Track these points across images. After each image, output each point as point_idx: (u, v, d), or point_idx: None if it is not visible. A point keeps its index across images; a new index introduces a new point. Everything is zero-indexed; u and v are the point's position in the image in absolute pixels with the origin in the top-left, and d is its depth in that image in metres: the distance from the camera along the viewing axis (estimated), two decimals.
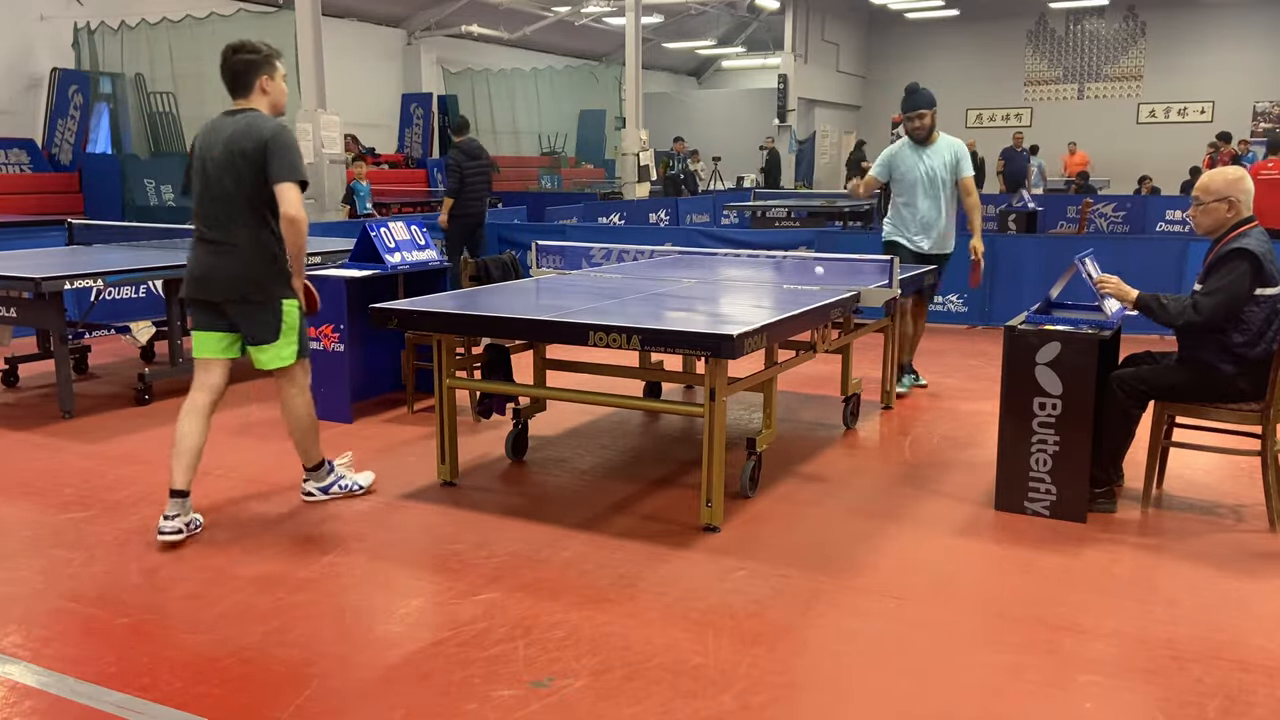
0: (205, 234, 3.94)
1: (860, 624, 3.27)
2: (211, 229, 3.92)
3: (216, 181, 3.87)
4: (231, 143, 3.83)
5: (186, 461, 3.94)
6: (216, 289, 3.94)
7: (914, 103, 6.06)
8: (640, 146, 16.86)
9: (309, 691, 2.84)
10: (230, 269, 3.90)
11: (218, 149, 3.87)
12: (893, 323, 5.91)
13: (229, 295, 3.93)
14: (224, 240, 3.90)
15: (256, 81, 3.93)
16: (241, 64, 3.91)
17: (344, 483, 4.39)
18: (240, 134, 3.83)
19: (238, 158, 3.82)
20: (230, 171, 3.84)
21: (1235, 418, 4.08)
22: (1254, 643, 3.13)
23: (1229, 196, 4.06)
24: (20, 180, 12.77)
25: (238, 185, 3.84)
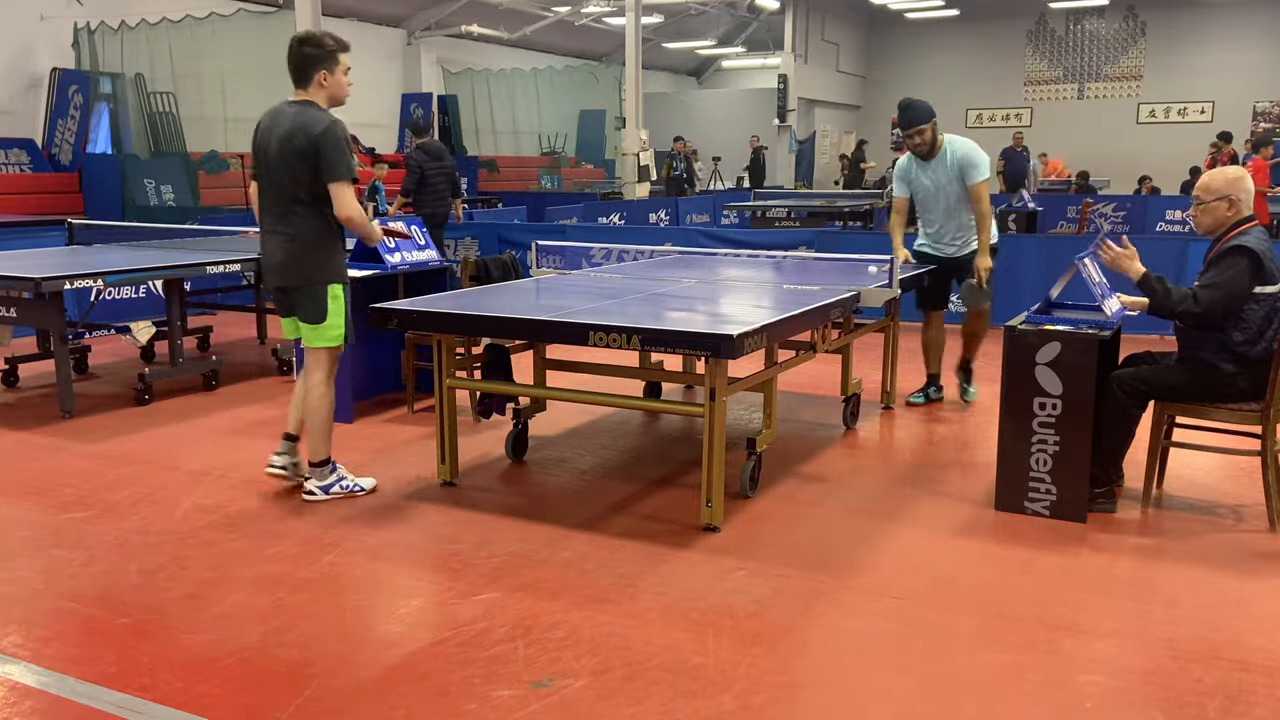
0: (265, 224, 4.21)
1: (860, 624, 3.27)
2: (269, 218, 4.18)
3: (275, 172, 4.08)
4: (286, 138, 4.02)
5: (298, 415, 4.44)
6: (272, 276, 4.26)
7: (910, 118, 5.66)
8: (640, 146, 16.85)
9: (309, 691, 2.84)
10: (279, 256, 4.17)
11: (273, 143, 4.06)
12: (893, 322, 5.92)
13: (280, 282, 4.24)
14: (278, 230, 4.15)
15: (315, 75, 4.08)
16: (303, 56, 4.06)
17: (346, 483, 4.39)
18: (295, 129, 4.01)
19: (290, 152, 4.00)
20: (284, 164, 4.03)
21: (1235, 418, 4.08)
22: (1254, 643, 3.13)
23: (1229, 195, 4.07)
24: (20, 180, 12.76)
25: (291, 178, 4.04)
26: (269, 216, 4.19)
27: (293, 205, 4.10)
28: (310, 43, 4.08)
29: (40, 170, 13.15)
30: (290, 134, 4.02)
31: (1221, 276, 3.95)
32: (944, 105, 27.27)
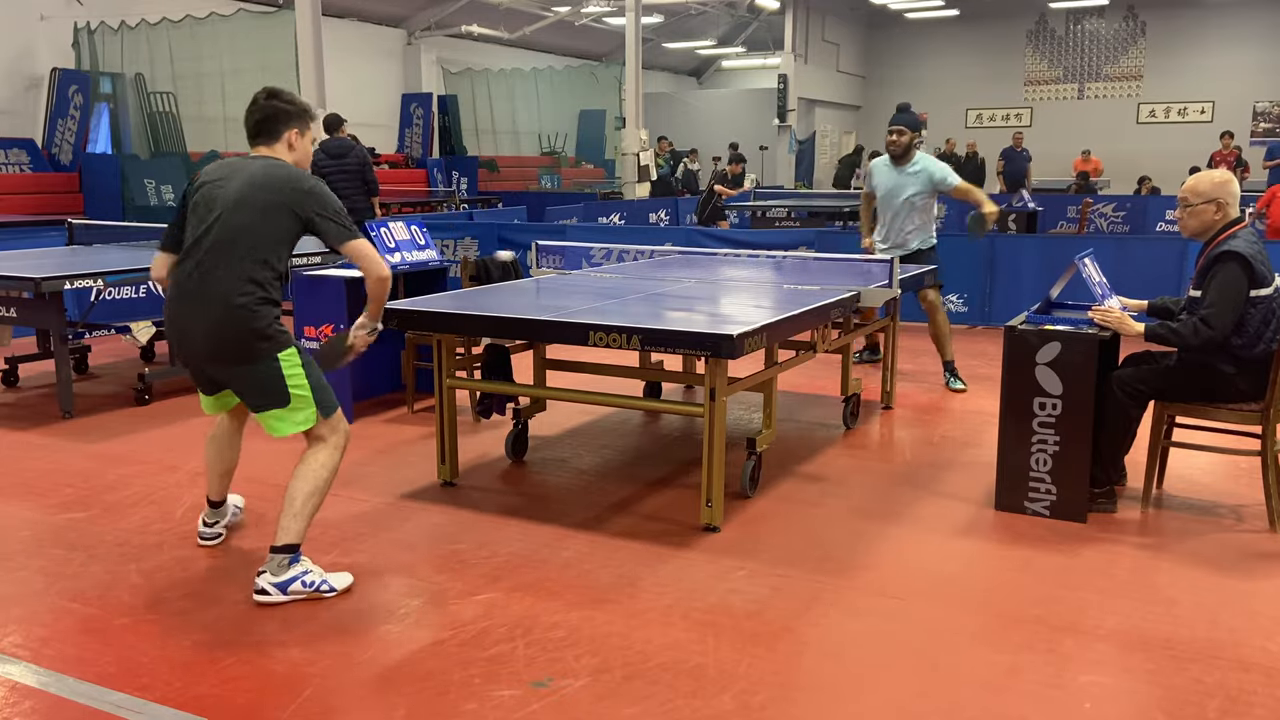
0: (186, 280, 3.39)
1: (860, 624, 3.27)
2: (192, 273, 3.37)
3: (222, 223, 3.33)
4: (255, 184, 3.36)
5: (219, 483, 3.88)
6: (196, 348, 3.42)
7: (900, 119, 6.43)
8: (640, 146, 16.86)
9: (309, 691, 2.84)
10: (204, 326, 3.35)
11: (233, 187, 3.36)
12: (893, 322, 5.93)
13: (210, 355, 3.41)
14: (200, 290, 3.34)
15: (286, 133, 3.52)
16: (272, 110, 3.50)
17: (309, 578, 3.42)
18: (269, 176, 3.38)
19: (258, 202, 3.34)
20: (244, 212, 3.33)
21: (1235, 418, 4.08)
22: (1254, 643, 3.13)
23: (1216, 199, 4.06)
24: (20, 180, 12.76)
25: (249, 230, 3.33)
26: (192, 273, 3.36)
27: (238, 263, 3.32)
28: (283, 98, 3.54)
29: (40, 170, 13.15)
30: (263, 181, 3.36)
31: (1222, 293, 3.92)
32: (944, 105, 27.35)
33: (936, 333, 6.55)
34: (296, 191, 3.37)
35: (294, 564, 3.43)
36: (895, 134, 6.38)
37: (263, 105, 3.52)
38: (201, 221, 3.38)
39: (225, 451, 3.83)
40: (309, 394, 3.41)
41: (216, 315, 3.32)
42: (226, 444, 3.83)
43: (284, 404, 3.39)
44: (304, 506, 3.42)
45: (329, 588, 3.45)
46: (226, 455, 3.84)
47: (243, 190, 3.35)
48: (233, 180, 3.39)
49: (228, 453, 3.84)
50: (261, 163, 3.44)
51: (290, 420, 3.42)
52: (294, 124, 3.53)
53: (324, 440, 3.48)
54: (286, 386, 3.37)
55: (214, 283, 3.32)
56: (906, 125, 6.40)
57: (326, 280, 5.67)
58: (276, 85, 3.69)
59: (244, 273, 3.32)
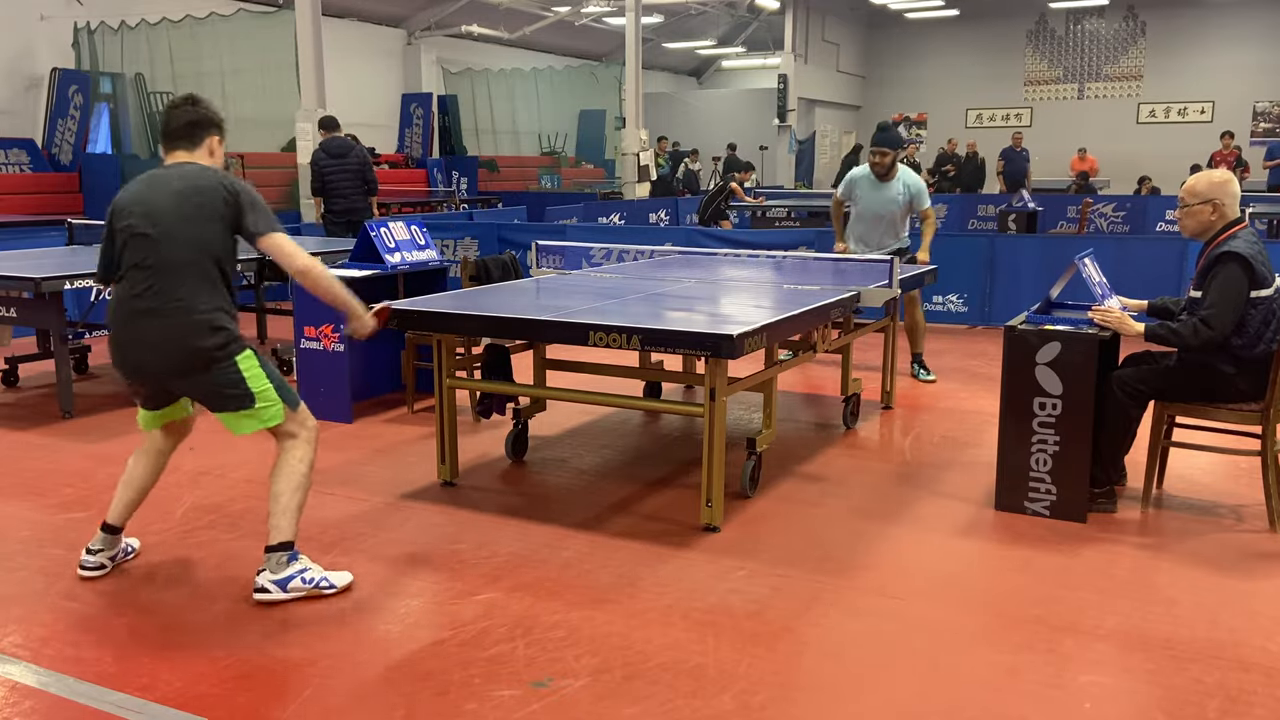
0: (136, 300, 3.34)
1: (860, 624, 3.27)
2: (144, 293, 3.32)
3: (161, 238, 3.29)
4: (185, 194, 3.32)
5: (127, 503, 3.66)
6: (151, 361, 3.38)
7: (882, 140, 6.59)
8: (640, 146, 16.85)
9: (309, 691, 2.84)
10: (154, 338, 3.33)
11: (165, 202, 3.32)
12: (893, 322, 5.93)
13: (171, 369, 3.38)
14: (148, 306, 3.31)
15: (208, 139, 3.47)
16: (197, 115, 3.45)
17: (309, 575, 3.43)
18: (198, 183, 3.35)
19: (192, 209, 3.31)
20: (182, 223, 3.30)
21: (1235, 418, 4.08)
22: (1254, 643, 3.13)
23: (1213, 199, 4.06)
24: (20, 180, 12.76)
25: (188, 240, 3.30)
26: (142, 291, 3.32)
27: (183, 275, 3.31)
28: (203, 104, 3.49)
29: (40, 170, 13.15)
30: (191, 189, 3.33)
31: (1222, 294, 3.92)
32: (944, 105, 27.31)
33: (911, 324, 6.72)
34: (228, 192, 3.35)
35: (293, 561, 3.43)
36: (878, 155, 6.54)
37: (188, 110, 3.47)
38: (142, 242, 3.31)
39: (146, 471, 3.66)
40: (272, 390, 3.43)
41: (177, 329, 3.30)
42: (151, 463, 3.66)
43: (250, 405, 3.40)
44: (289, 503, 3.43)
45: (329, 584, 3.45)
46: (144, 476, 3.66)
47: (176, 202, 3.32)
48: (160, 195, 3.35)
49: (153, 469, 3.68)
50: (180, 171, 3.40)
51: (258, 418, 3.42)
52: (215, 131, 3.50)
53: (295, 436, 3.48)
54: (249, 388, 3.38)
55: (171, 298, 3.29)
56: (889, 145, 6.58)
57: None
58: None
59: (199, 284, 3.32)
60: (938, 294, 8.90)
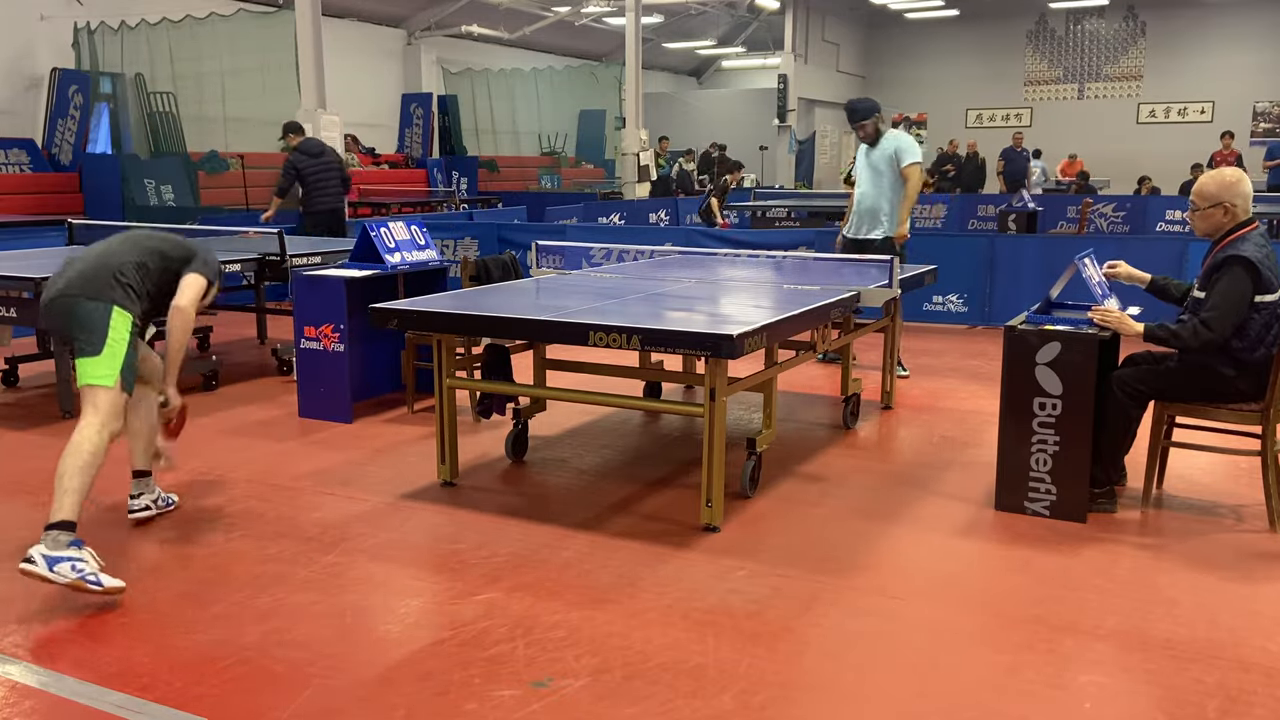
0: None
1: (860, 624, 3.27)
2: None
3: None
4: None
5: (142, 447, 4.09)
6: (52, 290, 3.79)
7: (853, 117, 6.76)
8: (640, 146, 16.86)
9: (309, 691, 2.84)
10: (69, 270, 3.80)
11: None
12: (893, 322, 5.93)
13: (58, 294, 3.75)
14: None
15: None
16: None
17: (80, 566, 3.33)
18: None
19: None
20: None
21: (1235, 418, 4.08)
22: (1254, 643, 3.13)
23: (1224, 201, 4.05)
24: (20, 180, 12.76)
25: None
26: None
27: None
28: None
29: (40, 170, 13.15)
30: None
31: (1225, 297, 3.91)
32: (944, 105, 27.32)
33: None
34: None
35: (74, 546, 3.36)
36: (859, 130, 6.70)
37: None
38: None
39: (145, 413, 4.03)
40: (120, 357, 3.64)
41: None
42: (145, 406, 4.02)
43: (96, 352, 3.62)
44: (71, 482, 3.43)
45: (96, 582, 3.33)
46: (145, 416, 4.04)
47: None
48: None
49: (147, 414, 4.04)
50: None
51: (92, 372, 3.61)
52: None
53: (96, 415, 3.56)
54: (106, 335, 3.64)
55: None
56: (863, 116, 6.66)
57: (326, 280, 5.67)
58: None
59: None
60: (938, 294, 8.90)
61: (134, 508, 4.08)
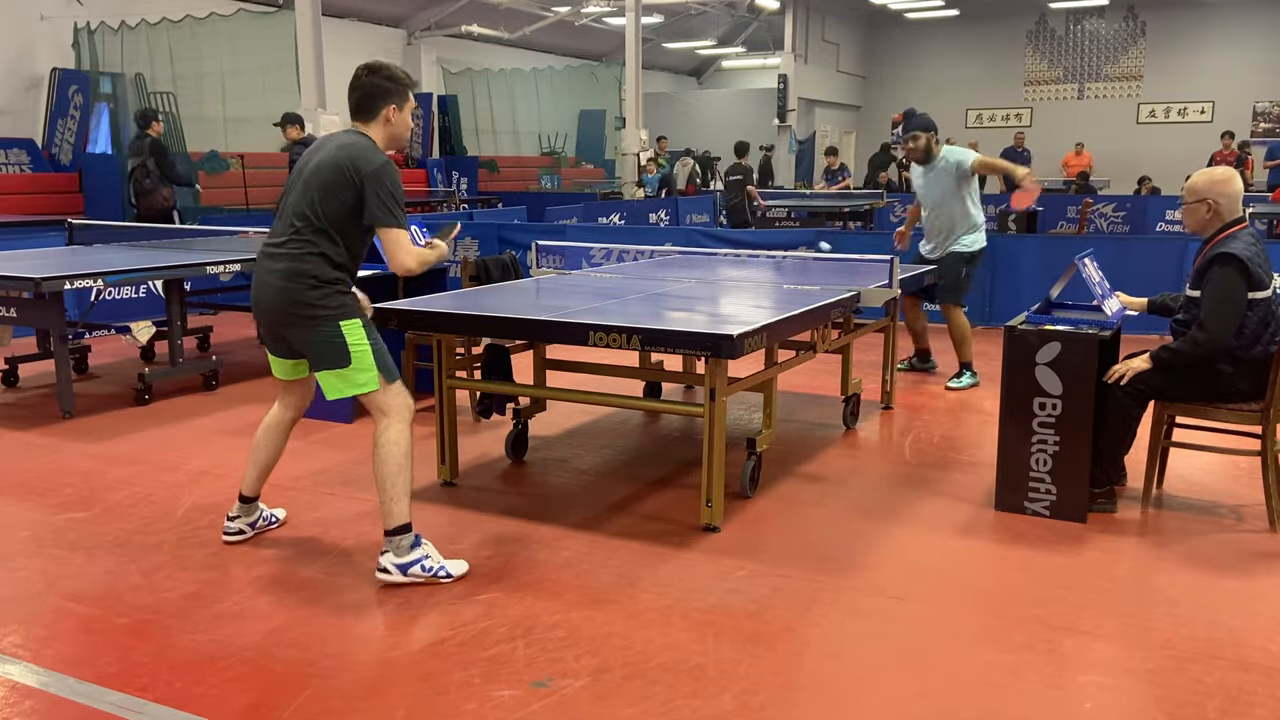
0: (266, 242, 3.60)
1: (860, 624, 3.27)
2: (273, 237, 3.57)
3: (297, 193, 3.51)
4: (328, 158, 3.48)
5: (256, 475, 3.92)
6: (264, 305, 3.57)
7: (908, 125, 6.52)
8: (640, 146, 16.86)
9: (309, 691, 2.84)
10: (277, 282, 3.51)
11: (313, 163, 3.52)
12: (893, 322, 5.93)
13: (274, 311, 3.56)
14: (279, 252, 3.51)
15: (384, 109, 3.57)
16: (372, 86, 3.56)
17: (428, 564, 3.54)
18: (343, 155, 3.46)
19: (329, 177, 3.45)
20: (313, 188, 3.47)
21: (1235, 418, 4.08)
22: (1254, 643, 3.13)
23: (1208, 198, 4.06)
24: (20, 180, 12.75)
25: (310, 201, 3.47)
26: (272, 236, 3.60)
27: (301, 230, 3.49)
28: (383, 73, 3.57)
29: (40, 170, 13.15)
30: (335, 156, 3.47)
31: (1217, 295, 3.92)
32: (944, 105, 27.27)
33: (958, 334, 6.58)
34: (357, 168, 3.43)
35: (415, 548, 3.54)
36: (910, 142, 6.47)
37: (363, 82, 3.57)
38: (286, 193, 3.57)
39: (273, 442, 3.88)
40: (370, 357, 3.53)
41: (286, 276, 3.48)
42: (275, 434, 3.88)
43: (345, 363, 3.51)
44: (394, 485, 3.52)
45: (445, 574, 3.55)
46: (272, 446, 3.89)
47: (320, 162, 3.49)
48: (317, 155, 3.54)
49: (274, 444, 3.89)
50: (341, 139, 3.55)
51: (350, 382, 3.53)
52: (391, 100, 3.58)
53: (387, 415, 3.57)
54: (348, 346, 3.49)
55: (283, 244, 3.49)
56: (919, 129, 6.45)
57: None
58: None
59: (311, 240, 3.46)
60: None
61: (229, 529, 3.93)
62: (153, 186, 9.99)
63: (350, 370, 3.52)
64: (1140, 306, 4.51)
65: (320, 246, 3.48)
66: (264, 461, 3.90)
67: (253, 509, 3.98)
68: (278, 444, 3.90)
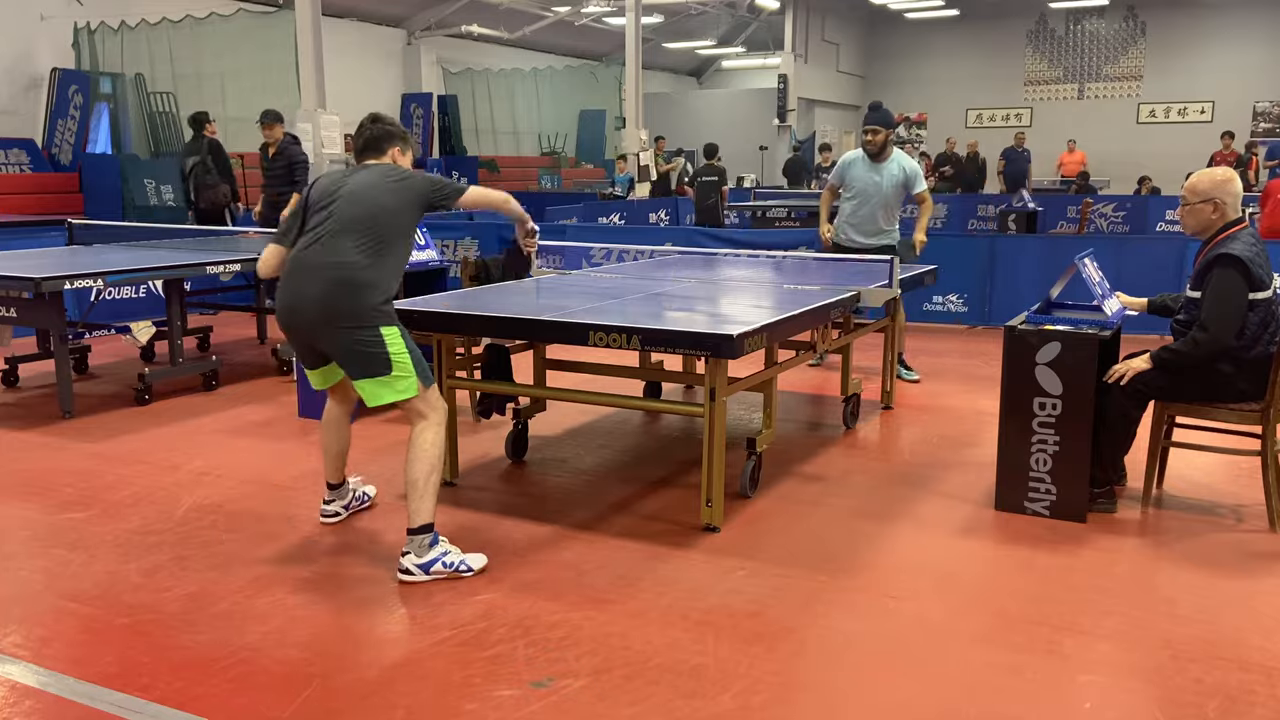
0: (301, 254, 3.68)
1: (860, 624, 3.27)
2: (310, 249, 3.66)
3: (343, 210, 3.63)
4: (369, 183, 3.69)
5: (332, 465, 4.13)
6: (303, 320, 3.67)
7: (871, 119, 6.58)
8: (640, 146, 16.86)
9: (309, 691, 2.84)
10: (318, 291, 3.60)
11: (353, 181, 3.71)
12: (893, 322, 5.93)
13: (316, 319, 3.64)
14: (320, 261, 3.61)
15: (390, 150, 3.90)
16: (380, 131, 3.89)
17: (450, 559, 3.61)
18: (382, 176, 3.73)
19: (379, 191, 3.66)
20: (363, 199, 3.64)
21: (1235, 418, 4.08)
22: (1254, 643, 3.13)
23: (1214, 198, 4.05)
24: (20, 180, 12.76)
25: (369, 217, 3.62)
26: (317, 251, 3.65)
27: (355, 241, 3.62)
28: (385, 121, 3.93)
29: (40, 170, 13.15)
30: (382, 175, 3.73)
31: (1218, 296, 3.91)
32: (944, 105, 27.26)
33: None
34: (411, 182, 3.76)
35: (434, 545, 3.61)
36: (870, 133, 6.52)
37: (370, 129, 3.89)
38: (324, 213, 3.69)
39: (337, 434, 4.08)
40: (409, 363, 3.63)
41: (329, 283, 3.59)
42: (336, 427, 4.07)
43: (385, 371, 3.60)
44: (426, 485, 3.60)
45: (467, 568, 3.62)
46: (338, 437, 4.08)
47: (359, 184, 3.70)
48: (349, 180, 3.75)
49: (339, 435, 4.08)
50: (368, 168, 3.82)
51: (392, 388, 3.62)
52: (396, 143, 3.91)
53: (425, 418, 3.66)
54: (389, 354, 3.59)
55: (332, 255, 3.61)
56: (881, 123, 6.52)
57: None
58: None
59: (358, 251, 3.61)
60: (938, 294, 8.90)
61: (325, 513, 4.15)
62: (214, 182, 10.46)
63: (391, 377, 3.61)
64: (1140, 307, 4.51)
65: (384, 259, 3.66)
66: (335, 451, 4.10)
67: (344, 491, 4.19)
68: (343, 433, 4.09)
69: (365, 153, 3.87)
